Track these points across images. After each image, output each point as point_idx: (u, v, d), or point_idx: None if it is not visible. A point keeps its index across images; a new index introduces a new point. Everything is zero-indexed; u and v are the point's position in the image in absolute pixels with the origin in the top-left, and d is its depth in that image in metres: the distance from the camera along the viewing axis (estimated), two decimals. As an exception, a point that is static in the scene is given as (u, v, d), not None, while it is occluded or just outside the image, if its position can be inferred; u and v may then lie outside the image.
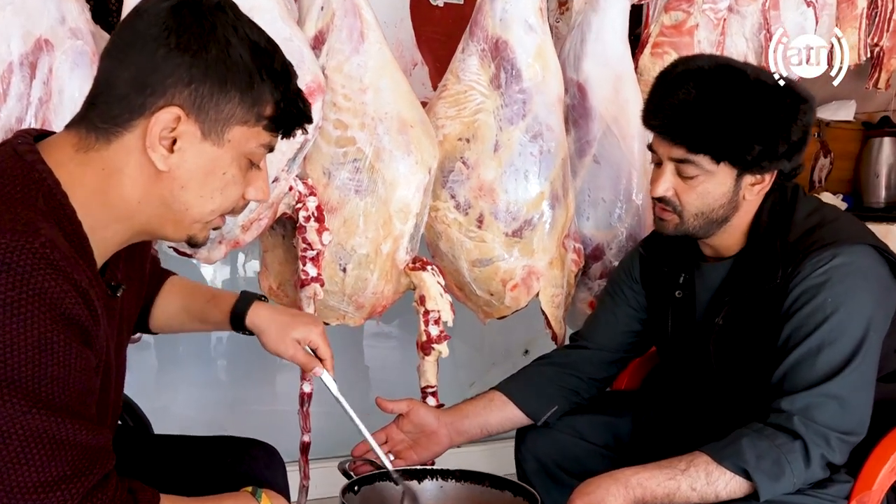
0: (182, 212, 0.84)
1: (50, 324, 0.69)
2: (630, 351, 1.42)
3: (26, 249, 0.69)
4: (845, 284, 1.09)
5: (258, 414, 2.25)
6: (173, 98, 0.79)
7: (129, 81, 0.79)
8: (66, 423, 0.70)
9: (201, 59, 0.79)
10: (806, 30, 1.91)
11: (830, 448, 1.05)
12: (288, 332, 1.13)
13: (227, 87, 0.80)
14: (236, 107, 0.81)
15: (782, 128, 1.14)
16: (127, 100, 0.79)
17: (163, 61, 0.79)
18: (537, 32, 1.56)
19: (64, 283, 0.70)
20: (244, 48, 0.81)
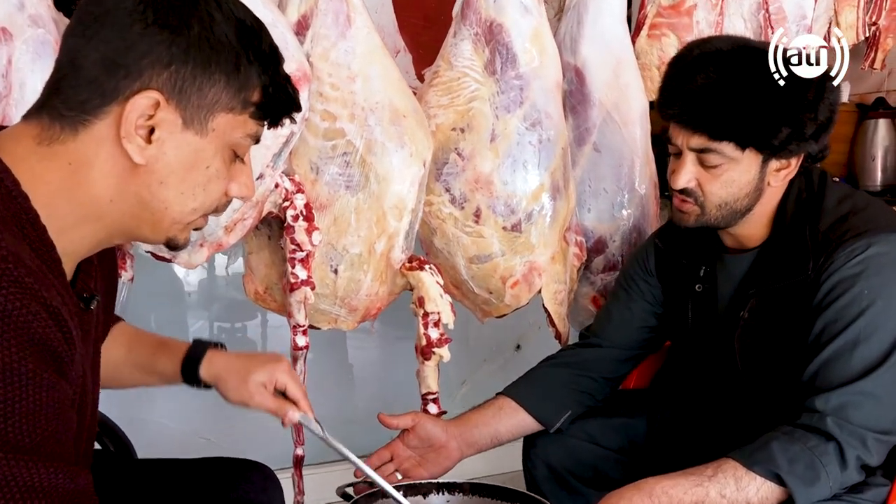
0: (161, 211, 0.74)
1: (16, 352, 0.59)
2: (645, 347, 1.35)
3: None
4: (882, 276, 1.03)
5: (241, 423, 2.16)
6: (151, 81, 0.70)
7: (99, 62, 0.69)
8: (38, 467, 0.60)
9: (182, 36, 0.70)
10: (804, 9, 1.85)
11: (867, 449, 0.99)
12: (249, 377, 1.02)
13: (212, 70, 0.71)
14: (221, 91, 0.72)
15: (810, 107, 1.07)
16: (96, 83, 0.70)
17: (139, 39, 0.69)
18: (533, 14, 1.48)
19: (32, 304, 0.60)
20: (229, 26, 0.72)
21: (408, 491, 1.18)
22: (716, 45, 1.15)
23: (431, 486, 1.21)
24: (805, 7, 1.84)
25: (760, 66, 1.08)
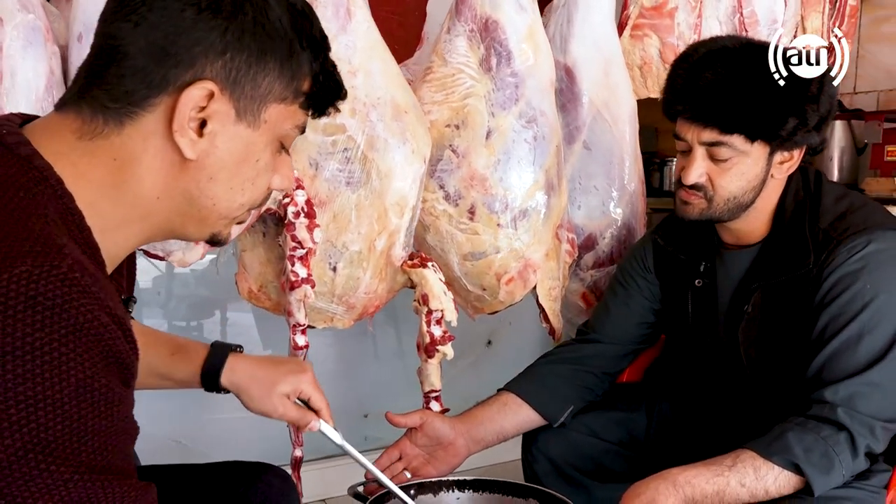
0: (208, 207, 0.70)
1: (89, 367, 0.55)
2: (643, 343, 1.38)
3: (53, 276, 0.54)
4: (882, 271, 1.08)
5: (212, 426, 2.10)
6: (203, 70, 0.65)
7: (147, 50, 0.64)
8: (112, 487, 0.56)
9: (237, 22, 0.66)
10: (775, 13, 1.91)
11: (875, 438, 1.04)
12: (273, 388, 0.99)
13: (266, 58, 0.67)
14: (274, 81, 0.69)
15: (813, 99, 1.12)
16: (144, 72, 0.65)
17: (191, 25, 0.65)
18: (528, 12, 1.48)
19: (102, 315, 0.56)
20: (283, 10, 0.68)
21: (419, 490, 1.18)
22: (722, 43, 1.18)
23: (441, 484, 1.20)
24: (776, 12, 1.91)
25: (765, 62, 1.12)
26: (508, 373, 1.45)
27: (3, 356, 0.51)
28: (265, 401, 0.99)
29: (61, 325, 0.53)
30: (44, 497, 0.53)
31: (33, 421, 0.52)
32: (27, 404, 0.52)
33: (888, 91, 2.22)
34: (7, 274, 0.52)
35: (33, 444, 0.52)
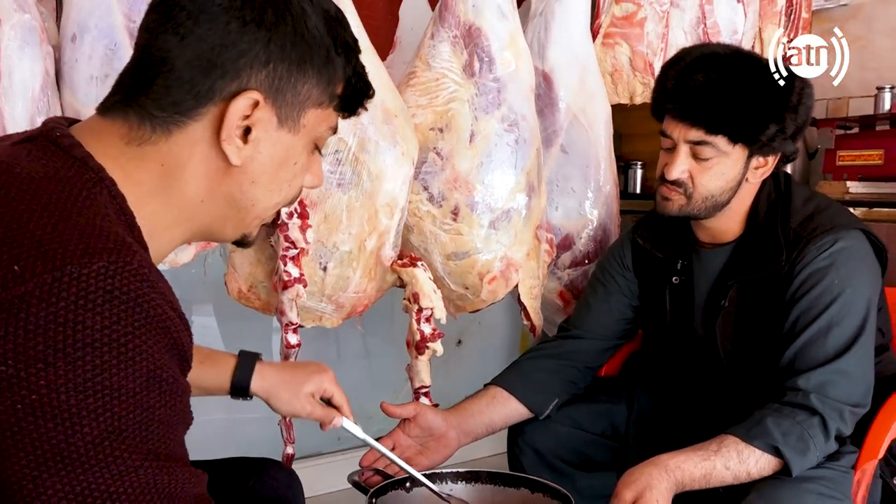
0: (248, 209, 0.73)
1: (158, 358, 0.58)
2: (623, 337, 1.44)
3: (128, 272, 0.56)
4: (848, 267, 1.16)
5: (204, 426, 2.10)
6: (249, 80, 0.68)
7: (194, 62, 0.67)
8: (175, 474, 0.59)
9: (279, 33, 0.68)
10: (736, 24, 2.01)
11: (844, 421, 1.12)
12: (300, 389, 1.07)
13: (306, 66, 0.70)
14: (313, 87, 0.71)
15: (793, 108, 1.19)
16: (191, 84, 0.67)
17: (237, 37, 0.67)
18: (509, 19, 1.53)
19: (167, 307, 0.59)
20: (319, 19, 0.71)
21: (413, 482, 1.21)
22: (713, 49, 1.26)
23: (435, 476, 1.24)
24: (736, 23, 2.01)
25: (753, 69, 1.20)
26: (478, 371, 1.50)
27: (83, 347, 0.53)
28: (294, 402, 1.05)
29: (135, 318, 0.56)
30: (115, 483, 0.55)
31: (109, 410, 0.54)
32: (104, 394, 0.54)
33: (836, 99, 2.35)
34: (86, 269, 0.54)
35: (108, 432, 0.54)
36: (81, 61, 1.19)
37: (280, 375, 1.05)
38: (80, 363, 0.53)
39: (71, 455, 0.53)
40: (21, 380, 0.52)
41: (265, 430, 1.84)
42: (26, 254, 0.54)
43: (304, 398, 1.06)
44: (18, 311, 0.53)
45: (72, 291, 0.53)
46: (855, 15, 2.32)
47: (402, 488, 1.20)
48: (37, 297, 0.53)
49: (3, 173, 0.60)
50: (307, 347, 1.40)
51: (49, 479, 0.53)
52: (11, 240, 0.55)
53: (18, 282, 0.53)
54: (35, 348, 0.52)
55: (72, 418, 0.53)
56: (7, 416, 0.53)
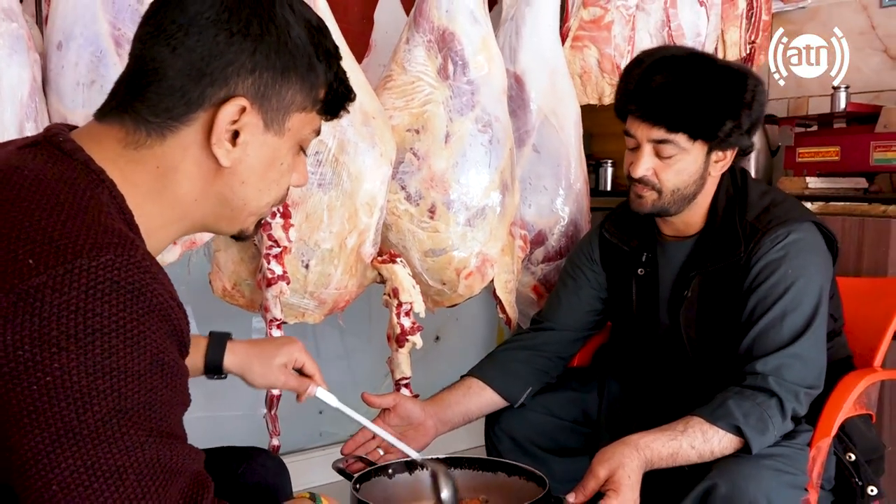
0: (240, 207, 0.78)
1: (160, 343, 0.63)
2: (592, 328, 1.51)
3: (132, 264, 0.62)
4: (801, 258, 1.24)
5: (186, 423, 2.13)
6: (236, 88, 0.73)
7: (185, 71, 0.72)
8: (176, 450, 0.64)
9: (265, 43, 0.73)
10: (699, 27, 2.09)
11: (799, 402, 1.19)
12: (272, 361, 1.10)
13: (289, 73, 0.75)
14: (297, 93, 0.77)
15: (747, 105, 1.27)
16: (182, 91, 0.72)
17: (224, 48, 0.72)
18: (481, 24, 1.59)
19: (167, 296, 0.64)
20: (302, 29, 0.76)
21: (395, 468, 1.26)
22: (671, 51, 1.33)
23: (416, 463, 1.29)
24: (700, 25, 2.09)
25: (708, 70, 1.27)
26: (456, 366, 1.56)
27: (93, 333, 0.58)
28: (267, 374, 1.09)
29: (139, 306, 0.61)
30: (122, 457, 0.60)
31: (116, 390, 0.59)
32: (112, 376, 0.59)
33: (797, 98, 2.44)
34: (95, 262, 0.59)
35: (116, 410, 0.59)
36: (68, 68, 1.23)
37: (251, 350, 1.09)
38: (91, 348, 0.58)
39: (82, 432, 0.58)
40: (37, 363, 0.57)
41: (247, 427, 1.89)
42: (39, 248, 0.59)
43: (277, 369, 1.10)
44: (34, 301, 0.58)
45: (82, 282, 0.59)
46: (813, 17, 2.41)
47: (385, 474, 1.26)
48: (50, 287, 0.58)
49: (13, 175, 0.65)
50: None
51: (62, 453, 0.58)
52: (25, 236, 0.60)
53: (33, 274, 0.58)
54: (49, 334, 0.57)
55: (83, 398, 0.58)
56: (24, 397, 0.57)
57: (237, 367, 1.08)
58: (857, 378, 1.32)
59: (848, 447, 1.29)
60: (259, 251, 1.40)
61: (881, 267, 1.69)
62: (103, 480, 0.59)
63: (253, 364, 1.08)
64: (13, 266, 0.58)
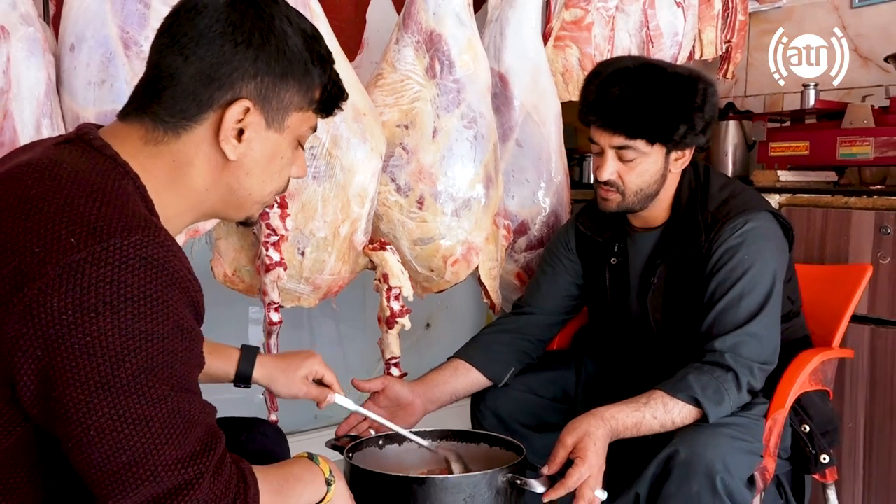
0: (245, 196, 0.88)
1: (182, 310, 0.73)
2: (569, 313, 1.61)
3: (157, 243, 0.72)
4: (757, 245, 1.34)
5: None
6: (241, 91, 0.83)
7: (196, 77, 0.82)
8: (194, 404, 0.74)
9: (265, 51, 0.83)
10: (676, 27, 2.20)
11: (754, 377, 1.30)
12: (295, 373, 1.23)
13: (287, 77, 0.85)
14: (295, 94, 0.87)
15: (699, 108, 1.37)
16: (194, 94, 0.82)
17: (230, 56, 0.82)
18: (467, 26, 1.69)
19: (186, 272, 0.74)
20: (298, 37, 0.86)
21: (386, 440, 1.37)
22: (624, 63, 1.42)
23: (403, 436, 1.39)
24: (677, 26, 2.19)
25: (660, 78, 1.37)
26: (446, 352, 1.64)
27: (125, 301, 0.68)
28: (291, 385, 1.22)
29: (163, 278, 0.71)
30: (149, 408, 0.70)
31: (144, 350, 0.69)
32: (140, 338, 0.69)
33: (772, 95, 2.55)
34: (126, 241, 0.70)
35: (144, 367, 0.70)
36: (80, 69, 1.32)
37: (277, 364, 1.22)
38: (123, 313, 0.68)
39: (115, 385, 0.68)
40: (78, 326, 0.67)
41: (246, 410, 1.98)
42: (79, 229, 0.69)
43: (300, 381, 1.23)
44: (76, 273, 0.68)
45: (115, 258, 0.69)
46: (789, 17, 2.51)
47: (376, 445, 1.36)
48: (89, 262, 0.68)
49: (54, 168, 0.75)
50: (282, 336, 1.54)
51: (98, 403, 0.68)
52: (67, 219, 0.70)
53: (75, 251, 0.68)
54: (88, 301, 0.67)
55: (116, 356, 0.68)
56: (67, 355, 0.68)
57: (265, 379, 1.21)
58: (811, 355, 1.43)
59: (804, 419, 1.40)
60: (258, 239, 1.49)
61: (842, 254, 1.80)
62: (133, 427, 0.69)
63: (278, 377, 1.21)
64: (58, 244, 0.68)
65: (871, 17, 2.31)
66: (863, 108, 1.98)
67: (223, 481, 0.75)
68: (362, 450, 1.33)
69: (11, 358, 0.68)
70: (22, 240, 0.69)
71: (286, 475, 0.90)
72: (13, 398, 0.70)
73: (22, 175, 0.74)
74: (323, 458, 0.97)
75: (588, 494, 1.18)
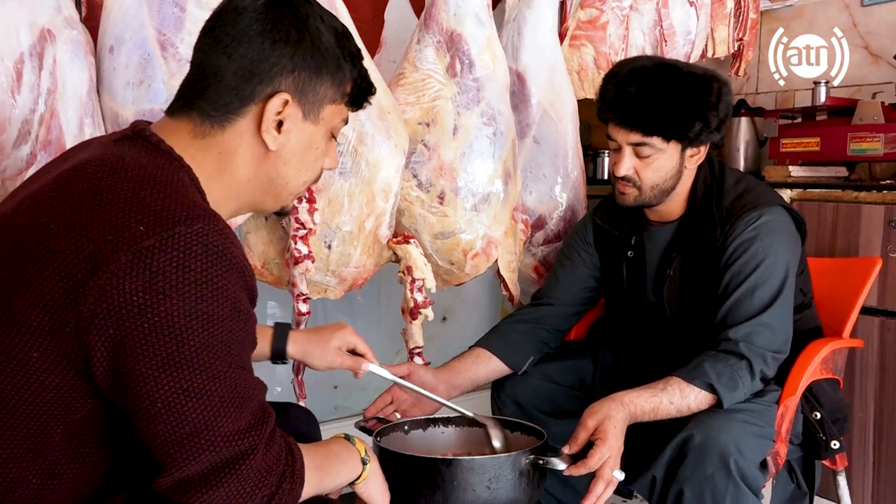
0: (283, 185, 0.94)
1: (239, 293, 0.79)
2: (587, 304, 1.66)
3: (217, 231, 0.78)
4: (770, 238, 1.39)
5: None
6: (280, 85, 0.89)
7: (238, 73, 0.88)
8: (248, 380, 0.80)
9: (301, 48, 0.89)
10: (689, 26, 2.24)
11: (766, 365, 1.35)
12: (328, 346, 1.27)
13: (322, 72, 0.91)
14: (329, 88, 0.92)
15: (713, 106, 1.41)
16: (237, 90, 0.88)
17: (269, 53, 0.88)
18: (486, 26, 1.74)
19: (242, 257, 0.80)
20: (330, 35, 0.92)
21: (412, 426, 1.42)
22: (641, 63, 1.47)
23: (429, 421, 1.45)
24: (690, 24, 2.24)
25: (677, 77, 1.41)
26: (462, 345, 1.69)
27: (189, 284, 0.74)
28: (326, 356, 1.26)
29: (223, 264, 0.77)
30: (210, 382, 0.76)
31: (206, 330, 0.75)
32: (203, 318, 0.75)
33: (783, 92, 2.59)
34: (190, 229, 0.76)
35: (206, 345, 0.75)
36: (119, 69, 1.38)
37: (310, 337, 1.27)
38: (187, 296, 0.74)
39: (180, 361, 0.74)
40: (147, 307, 0.73)
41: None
42: (147, 218, 0.75)
43: (334, 352, 1.27)
44: (146, 258, 0.74)
45: (181, 244, 0.75)
46: (799, 15, 2.55)
47: (402, 430, 1.42)
48: (158, 248, 0.74)
49: (119, 162, 0.81)
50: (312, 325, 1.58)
51: (165, 378, 0.74)
52: (136, 209, 0.76)
53: (144, 238, 0.74)
54: (157, 284, 0.73)
55: (181, 335, 0.74)
56: (137, 333, 0.73)
57: (299, 353, 1.25)
58: (822, 344, 1.47)
59: (814, 407, 1.45)
60: (286, 233, 1.55)
61: (853, 248, 1.84)
62: (195, 401, 0.75)
63: (313, 349, 1.26)
64: (129, 232, 0.74)
65: (881, 15, 2.35)
66: (873, 105, 2.02)
67: (274, 453, 0.81)
68: (388, 434, 1.38)
69: (87, 336, 0.74)
70: (95, 228, 0.75)
71: (326, 452, 0.96)
72: (86, 373, 0.76)
73: (90, 170, 0.80)
74: (358, 439, 1.03)
75: (607, 474, 1.23)
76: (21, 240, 0.77)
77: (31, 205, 0.80)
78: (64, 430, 0.78)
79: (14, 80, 1.20)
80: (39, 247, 0.75)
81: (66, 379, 0.76)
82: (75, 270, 0.73)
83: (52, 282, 0.74)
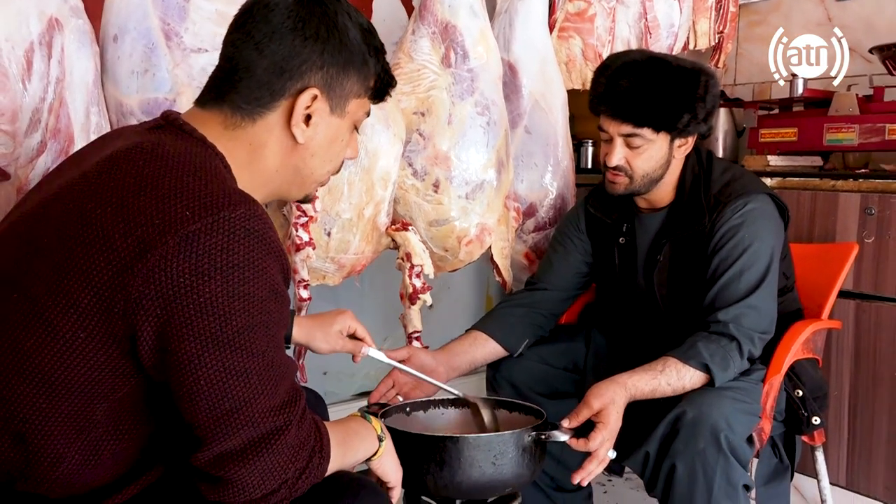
0: (308, 176, 0.98)
1: (276, 276, 0.82)
2: (580, 289, 1.72)
3: (257, 216, 0.81)
4: (756, 224, 1.45)
5: None
6: (309, 81, 0.92)
7: (269, 69, 0.91)
8: (283, 358, 0.84)
9: (330, 45, 0.92)
10: (672, 19, 2.30)
11: (754, 345, 1.42)
12: (330, 329, 1.31)
13: (348, 67, 0.95)
14: (355, 83, 0.96)
15: (701, 98, 1.47)
16: (268, 84, 0.91)
17: (300, 49, 0.91)
18: (480, 18, 1.78)
19: (278, 242, 0.84)
20: (357, 31, 0.95)
21: (412, 408, 1.47)
22: (632, 56, 1.52)
23: (430, 403, 1.50)
24: (673, 17, 2.30)
25: (665, 71, 1.47)
26: (448, 332, 1.74)
27: (231, 267, 0.77)
28: (328, 340, 1.30)
29: (263, 248, 0.80)
30: (250, 361, 0.80)
31: (247, 311, 0.79)
32: (244, 299, 0.78)
33: (761, 83, 2.66)
34: (233, 214, 0.79)
35: (247, 325, 0.79)
36: (123, 58, 1.39)
37: (313, 322, 1.31)
38: (230, 278, 0.77)
39: (223, 340, 0.77)
40: (192, 288, 0.76)
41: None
42: (192, 203, 0.78)
43: (335, 336, 1.31)
44: (191, 242, 0.77)
45: (225, 228, 0.78)
46: (776, 8, 2.62)
47: (403, 412, 1.46)
48: (203, 232, 0.77)
49: (157, 149, 0.84)
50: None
51: (208, 356, 0.77)
52: (180, 194, 0.79)
53: (190, 222, 0.77)
54: (202, 267, 0.76)
55: (224, 315, 0.77)
56: (182, 313, 0.77)
57: (304, 338, 1.30)
58: (804, 325, 1.55)
59: (797, 385, 1.52)
60: (287, 220, 1.58)
61: (830, 234, 1.92)
62: (236, 378, 0.78)
63: (316, 333, 1.30)
64: (175, 216, 0.77)
65: (855, 10, 2.43)
66: (848, 97, 2.10)
67: (306, 429, 0.85)
68: (391, 416, 1.43)
69: (134, 316, 0.77)
70: (143, 213, 0.77)
71: (347, 430, 1.00)
72: (131, 351, 0.79)
73: (131, 157, 0.83)
74: (374, 417, 1.07)
75: (602, 454, 1.29)
76: (67, 225, 0.79)
77: (74, 192, 0.82)
78: (107, 407, 0.81)
79: (25, 69, 1.21)
80: (88, 231, 0.78)
81: (111, 358, 0.79)
82: (124, 254, 0.76)
83: (101, 265, 0.76)
